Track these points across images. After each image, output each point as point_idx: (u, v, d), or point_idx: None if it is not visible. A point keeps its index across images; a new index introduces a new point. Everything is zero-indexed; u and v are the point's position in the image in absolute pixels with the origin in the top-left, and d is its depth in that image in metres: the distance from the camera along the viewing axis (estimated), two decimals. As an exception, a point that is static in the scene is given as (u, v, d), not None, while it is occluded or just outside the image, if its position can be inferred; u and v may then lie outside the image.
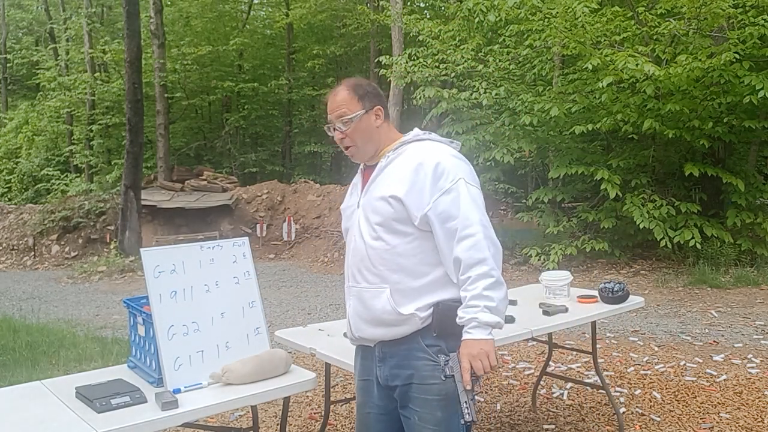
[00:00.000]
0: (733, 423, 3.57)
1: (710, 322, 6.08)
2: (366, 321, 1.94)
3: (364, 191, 1.99)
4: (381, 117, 1.99)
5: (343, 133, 1.97)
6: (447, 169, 1.85)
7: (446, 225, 1.83)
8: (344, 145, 2.00)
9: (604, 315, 3.40)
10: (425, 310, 1.86)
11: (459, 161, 1.91)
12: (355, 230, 1.99)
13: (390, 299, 1.87)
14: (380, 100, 2.01)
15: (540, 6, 8.40)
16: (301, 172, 19.38)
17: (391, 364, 1.92)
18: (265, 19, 22.94)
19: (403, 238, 1.88)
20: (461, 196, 1.83)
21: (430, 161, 1.86)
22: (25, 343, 5.46)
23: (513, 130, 9.34)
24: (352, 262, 2.00)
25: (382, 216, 1.89)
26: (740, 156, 9.83)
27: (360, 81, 2.04)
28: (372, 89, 2.01)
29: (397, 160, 1.93)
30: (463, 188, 1.85)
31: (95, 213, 13.98)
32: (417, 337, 1.87)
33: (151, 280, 2.11)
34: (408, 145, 1.97)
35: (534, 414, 3.80)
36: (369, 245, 1.91)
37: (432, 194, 1.84)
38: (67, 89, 19.57)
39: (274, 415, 3.80)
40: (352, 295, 2.00)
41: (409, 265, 1.88)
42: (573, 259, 8.99)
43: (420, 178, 1.85)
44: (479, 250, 1.80)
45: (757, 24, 7.34)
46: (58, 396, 2.04)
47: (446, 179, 1.84)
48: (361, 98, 1.97)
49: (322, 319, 6.55)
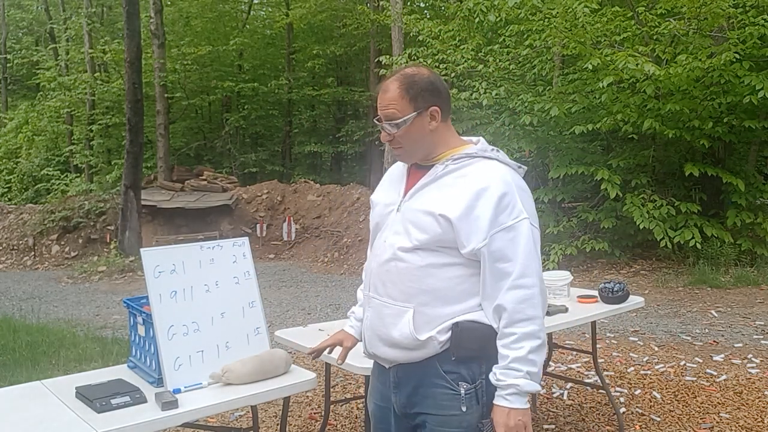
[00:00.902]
0: (733, 423, 3.57)
1: (710, 322, 6.08)
2: (381, 339, 1.76)
3: (410, 194, 1.75)
4: (437, 118, 1.73)
5: (391, 134, 1.74)
6: (512, 203, 1.63)
7: (497, 265, 1.63)
8: (391, 145, 1.78)
9: (604, 315, 3.40)
10: (444, 333, 1.67)
11: (526, 195, 1.69)
12: (388, 235, 1.77)
13: (411, 322, 1.68)
14: (438, 98, 1.73)
15: (540, 6, 8.40)
16: (301, 172, 19.39)
17: (407, 392, 1.74)
18: (265, 19, 22.94)
19: (443, 259, 1.67)
20: (522, 237, 1.63)
21: (496, 189, 1.63)
22: (25, 343, 5.46)
23: (513, 130, 9.34)
24: (375, 268, 1.79)
25: (425, 233, 1.67)
26: (740, 156, 9.83)
27: (415, 75, 1.73)
28: (428, 85, 1.72)
29: (457, 174, 1.70)
30: (526, 230, 1.63)
31: (95, 213, 13.98)
32: (434, 362, 1.68)
33: (151, 280, 2.11)
34: (474, 160, 1.71)
35: (534, 414, 3.80)
36: (400, 257, 1.70)
37: (490, 228, 1.62)
38: (67, 89, 19.57)
39: (274, 415, 3.80)
40: (371, 306, 1.80)
41: (443, 289, 1.67)
42: (573, 259, 8.99)
43: (480, 205, 1.62)
44: (532, 307, 1.62)
45: (757, 24, 7.34)
46: (58, 396, 2.04)
47: (509, 215, 1.63)
48: (413, 98, 1.71)
49: (322, 319, 6.55)
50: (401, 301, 1.71)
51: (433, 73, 1.77)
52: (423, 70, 1.76)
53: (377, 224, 1.86)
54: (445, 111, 1.76)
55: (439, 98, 1.73)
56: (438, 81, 1.75)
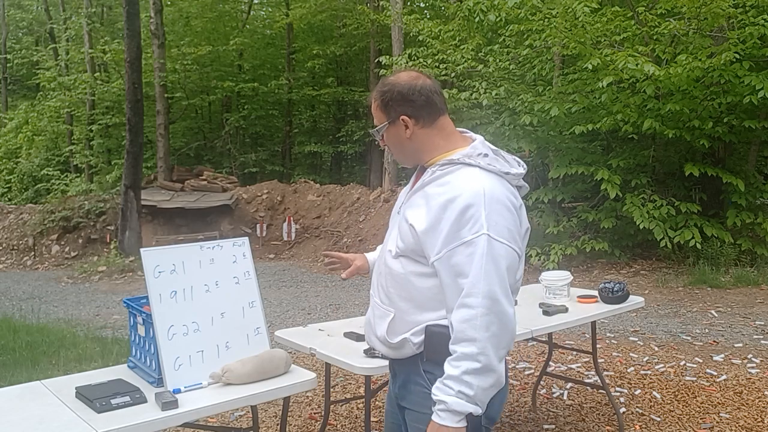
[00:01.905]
0: (733, 423, 3.57)
1: (710, 322, 6.08)
2: (374, 334, 1.85)
3: (408, 196, 1.79)
4: (410, 126, 1.73)
5: (382, 140, 1.81)
6: (475, 216, 1.57)
7: (458, 280, 1.59)
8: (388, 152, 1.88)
9: (604, 315, 3.40)
10: (418, 335, 1.71)
11: (498, 207, 1.60)
12: (388, 236, 1.83)
13: (387, 326, 1.75)
14: (408, 107, 1.72)
15: (540, 6, 8.40)
16: (301, 172, 19.41)
17: (399, 383, 1.83)
18: (265, 19, 22.96)
19: (420, 268, 1.69)
20: (476, 254, 1.56)
21: (461, 201, 1.59)
22: (25, 343, 5.46)
23: (513, 130, 9.34)
24: (376, 269, 1.88)
25: (402, 241, 1.72)
26: (740, 156, 9.83)
27: (389, 85, 1.75)
28: (397, 95, 1.72)
29: (440, 182, 1.68)
30: (483, 244, 1.56)
31: (95, 213, 13.98)
32: (417, 360, 1.74)
33: (151, 280, 2.11)
34: (455, 168, 1.68)
35: (534, 414, 3.80)
36: (387, 263, 1.77)
37: (448, 242, 1.59)
38: (67, 89, 19.58)
39: (274, 415, 3.80)
40: (371, 302, 1.88)
41: (420, 299, 1.70)
42: (573, 259, 8.99)
43: (444, 218, 1.60)
44: (473, 328, 1.55)
45: (757, 24, 7.34)
46: (58, 396, 2.04)
47: (470, 229, 1.57)
48: (385, 106, 1.75)
49: (322, 319, 6.55)
50: (386, 304, 1.78)
51: (412, 79, 1.75)
52: (401, 78, 1.75)
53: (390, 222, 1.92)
54: (422, 117, 1.73)
55: (411, 106, 1.72)
56: (411, 89, 1.72)
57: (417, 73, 1.79)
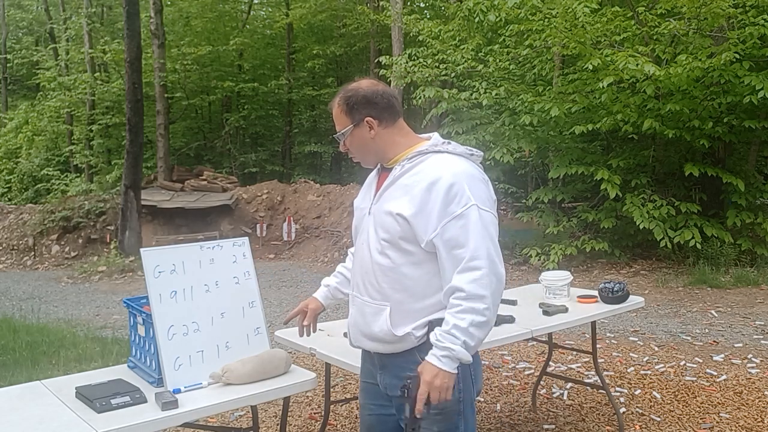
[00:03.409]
0: (733, 423, 3.57)
1: (710, 322, 6.08)
2: (364, 335, 1.92)
3: (377, 197, 1.90)
4: (374, 127, 1.87)
5: (343, 145, 1.94)
6: (460, 192, 1.74)
7: (453, 252, 1.74)
8: (349, 155, 1.96)
9: (604, 315, 3.40)
10: (421, 328, 1.81)
11: (476, 182, 1.79)
12: (364, 238, 1.92)
13: (388, 319, 1.82)
14: (372, 109, 1.87)
15: (540, 6, 8.40)
16: (301, 172, 19.39)
17: (391, 374, 1.89)
18: (265, 19, 22.95)
19: (410, 257, 1.80)
20: (471, 224, 1.72)
21: (444, 181, 1.74)
22: (25, 343, 5.46)
23: (513, 130, 9.34)
24: (357, 270, 1.95)
25: (388, 233, 1.81)
26: (740, 156, 9.83)
27: (351, 91, 1.90)
28: (361, 99, 1.87)
29: (412, 172, 1.82)
30: (474, 215, 1.73)
31: (95, 213, 13.97)
32: (414, 351, 1.82)
33: (151, 280, 2.11)
34: (425, 157, 1.83)
35: (534, 414, 3.80)
36: (375, 260, 1.85)
37: (441, 219, 1.74)
38: (67, 89, 19.57)
39: (274, 415, 3.80)
40: (354, 304, 1.97)
41: (414, 286, 1.81)
42: (573, 259, 8.99)
43: (431, 199, 1.75)
44: (481, 287, 1.70)
45: (757, 24, 7.34)
46: (58, 396, 2.04)
47: (458, 203, 1.73)
48: (349, 111, 1.88)
49: (322, 319, 6.52)
50: (379, 299, 1.85)
51: (374, 85, 1.91)
52: (362, 84, 1.91)
53: (356, 228, 2.02)
54: (385, 118, 1.88)
55: (375, 109, 1.87)
56: (373, 93, 1.88)
57: (376, 80, 1.96)
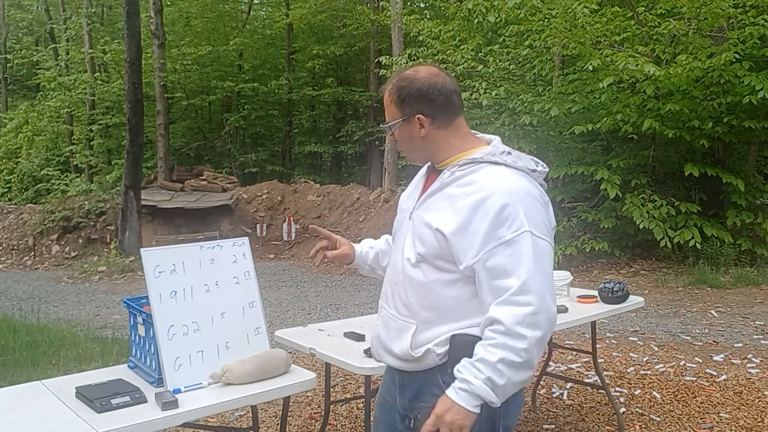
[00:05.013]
0: (733, 423, 3.57)
1: (710, 322, 6.08)
2: (385, 350, 1.75)
3: (420, 202, 1.69)
4: (426, 125, 1.65)
5: (391, 136, 1.74)
6: (513, 214, 1.51)
7: (495, 282, 1.51)
8: (396, 146, 1.75)
9: (604, 315, 3.39)
10: (442, 346, 1.62)
11: (534, 203, 1.56)
12: (400, 244, 1.72)
13: (410, 339, 1.64)
14: (426, 106, 1.64)
15: (540, 6, 8.40)
16: (301, 172, 19.42)
17: (409, 396, 1.72)
18: (265, 19, 22.98)
19: (445, 276, 1.60)
20: (523, 253, 1.50)
21: (496, 201, 1.51)
22: (25, 343, 5.46)
23: (513, 130, 9.34)
24: (388, 279, 1.77)
25: (424, 246, 1.62)
26: (740, 156, 9.84)
27: (406, 80, 1.67)
28: (415, 92, 1.64)
29: (462, 182, 1.60)
30: (527, 242, 1.50)
31: (95, 213, 13.98)
32: (435, 372, 1.64)
33: (151, 280, 2.11)
34: (479, 166, 1.60)
35: (534, 414, 3.80)
36: (406, 272, 1.66)
37: (486, 243, 1.51)
38: (67, 89, 19.59)
39: (274, 415, 3.80)
40: (381, 316, 1.78)
41: (445, 308, 1.61)
42: (573, 259, 8.99)
43: (477, 219, 1.53)
44: (526, 326, 1.47)
45: (757, 24, 7.35)
46: (58, 396, 2.04)
47: (509, 227, 1.50)
48: (400, 102, 1.66)
49: (322, 319, 6.55)
50: (405, 316, 1.67)
51: (433, 76, 1.67)
52: (420, 74, 1.67)
53: (395, 230, 1.83)
54: (440, 117, 1.66)
55: (429, 106, 1.65)
56: (430, 87, 1.65)
57: (437, 69, 1.71)
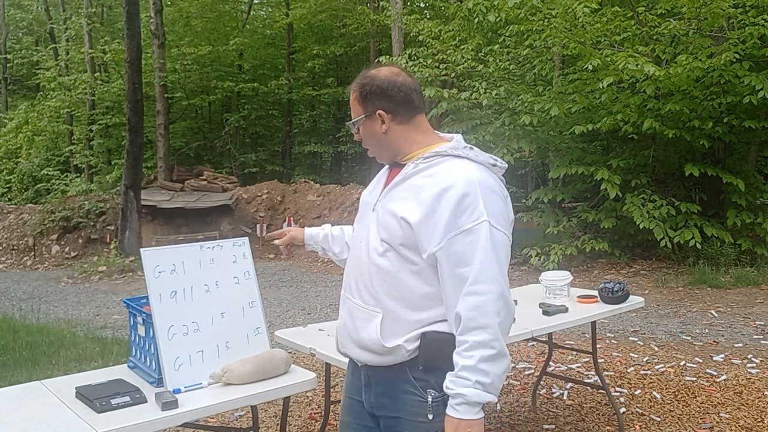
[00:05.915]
0: (733, 423, 3.57)
1: (710, 322, 6.08)
2: (352, 340, 1.76)
3: (383, 193, 1.74)
4: (386, 121, 1.72)
5: (357, 134, 1.81)
6: (473, 204, 1.57)
7: (456, 270, 1.57)
8: (362, 144, 1.82)
9: (604, 315, 3.40)
10: (413, 341, 1.65)
11: (493, 196, 1.62)
12: (363, 235, 1.77)
13: (378, 327, 1.66)
14: (386, 102, 1.71)
15: (540, 6, 8.40)
16: (301, 172, 19.41)
17: (377, 392, 1.74)
18: (265, 19, 22.97)
19: (410, 265, 1.64)
20: (480, 241, 1.55)
21: (456, 190, 1.57)
22: (25, 343, 5.46)
23: (513, 130, 9.34)
24: (351, 269, 1.81)
25: (389, 235, 1.66)
26: (740, 156, 9.84)
27: (368, 78, 1.74)
28: (376, 89, 1.71)
29: (426, 174, 1.65)
30: (485, 232, 1.56)
31: (95, 213, 13.98)
32: (404, 368, 1.67)
33: (151, 280, 2.11)
34: (443, 159, 1.67)
35: (534, 414, 3.80)
36: (372, 261, 1.69)
37: (447, 231, 1.57)
38: (67, 89, 19.58)
39: (274, 415, 3.80)
40: (345, 306, 1.81)
41: (410, 296, 1.65)
42: (573, 259, 8.99)
43: (440, 208, 1.58)
44: (485, 314, 1.54)
45: (757, 24, 7.35)
46: (58, 396, 2.04)
47: (469, 217, 1.56)
48: (363, 99, 1.74)
49: (322, 319, 6.55)
50: (372, 305, 1.69)
51: (393, 75, 1.74)
52: (381, 73, 1.74)
53: (356, 223, 1.88)
54: (400, 113, 1.72)
55: (389, 102, 1.71)
56: (390, 84, 1.71)
57: (398, 69, 1.78)
